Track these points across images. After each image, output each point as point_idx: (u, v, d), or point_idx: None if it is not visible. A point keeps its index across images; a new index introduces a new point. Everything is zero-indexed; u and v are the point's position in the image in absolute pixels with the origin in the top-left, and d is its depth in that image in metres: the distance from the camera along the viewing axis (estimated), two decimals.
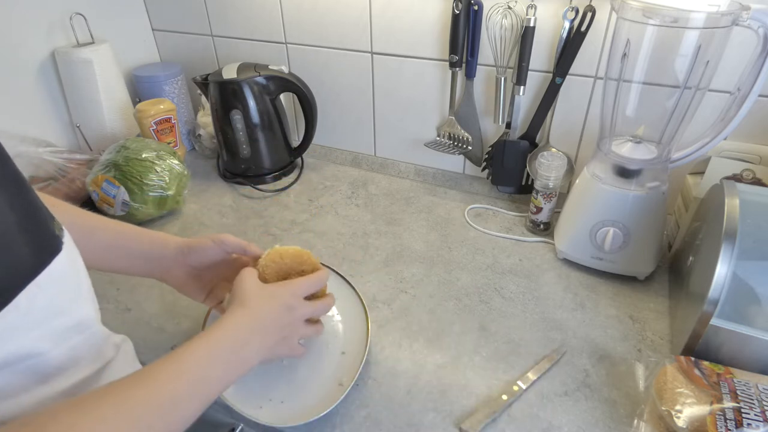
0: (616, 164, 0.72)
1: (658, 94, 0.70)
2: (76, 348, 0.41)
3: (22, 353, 0.36)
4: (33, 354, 0.37)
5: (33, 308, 0.35)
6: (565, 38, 0.81)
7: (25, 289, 0.35)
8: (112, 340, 0.49)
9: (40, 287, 0.36)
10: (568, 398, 0.60)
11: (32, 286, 0.35)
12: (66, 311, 0.39)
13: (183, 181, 0.95)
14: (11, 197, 0.35)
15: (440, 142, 1.01)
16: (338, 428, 0.57)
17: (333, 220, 0.94)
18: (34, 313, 0.36)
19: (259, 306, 0.51)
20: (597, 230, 0.74)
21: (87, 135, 1.07)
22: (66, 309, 0.39)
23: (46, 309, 0.37)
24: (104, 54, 1.04)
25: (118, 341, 0.50)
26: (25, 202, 0.37)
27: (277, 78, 1.00)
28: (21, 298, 0.34)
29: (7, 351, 0.34)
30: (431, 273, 0.80)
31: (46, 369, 0.38)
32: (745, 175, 0.72)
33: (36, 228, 0.37)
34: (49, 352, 0.38)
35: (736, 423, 0.47)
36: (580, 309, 0.73)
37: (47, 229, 0.39)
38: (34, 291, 0.35)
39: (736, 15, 0.59)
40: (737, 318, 0.55)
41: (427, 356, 0.66)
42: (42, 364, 0.38)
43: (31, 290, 0.35)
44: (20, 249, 0.35)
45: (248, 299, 0.50)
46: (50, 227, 0.39)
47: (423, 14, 0.90)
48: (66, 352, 0.40)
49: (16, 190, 0.36)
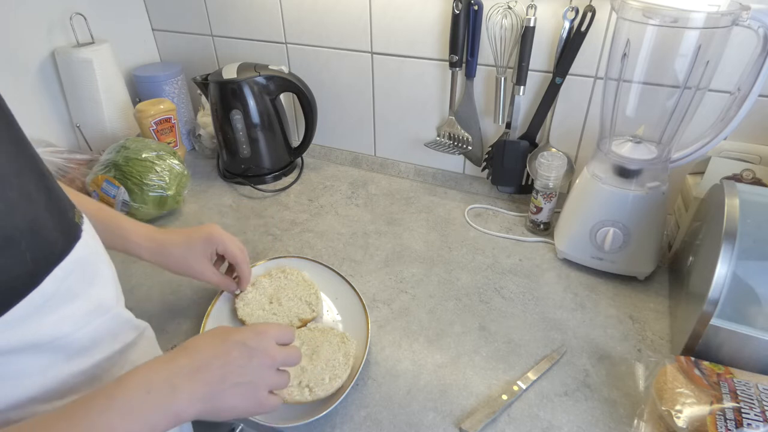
0: (616, 164, 0.72)
1: (658, 94, 0.70)
2: (96, 330, 0.41)
3: (46, 334, 0.37)
4: (57, 335, 0.37)
5: (57, 291, 0.37)
6: (565, 38, 0.81)
7: (51, 273, 0.36)
8: (133, 324, 0.49)
9: (65, 271, 0.37)
10: (568, 398, 0.60)
11: (58, 269, 0.36)
12: (85, 295, 0.40)
13: (183, 181, 0.95)
14: (37, 183, 0.37)
15: (440, 142, 1.01)
16: (338, 428, 0.57)
17: (333, 220, 0.94)
18: (58, 297, 0.37)
19: (197, 343, 0.43)
20: (597, 230, 0.74)
21: (87, 135, 1.07)
22: (85, 293, 0.40)
23: (69, 292, 0.38)
24: (104, 54, 1.04)
25: (140, 326, 0.51)
26: (49, 188, 0.38)
27: (277, 78, 1.00)
28: (48, 282, 0.35)
29: (32, 332, 0.35)
30: (431, 273, 0.80)
31: (69, 349, 0.39)
32: (745, 175, 0.72)
33: (60, 214, 0.39)
34: (71, 334, 0.39)
35: (736, 423, 0.47)
36: (580, 309, 0.73)
37: (69, 215, 0.40)
38: (59, 275, 0.36)
39: (736, 15, 0.59)
40: (737, 318, 0.55)
41: (427, 356, 0.66)
42: (65, 344, 0.39)
43: (56, 274, 0.36)
44: (49, 233, 0.37)
45: (191, 341, 0.43)
46: (71, 214, 0.40)
47: (423, 14, 0.90)
48: (87, 333, 0.40)
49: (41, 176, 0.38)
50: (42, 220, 0.36)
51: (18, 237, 0.33)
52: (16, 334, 0.34)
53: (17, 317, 0.33)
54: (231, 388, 0.41)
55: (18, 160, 0.35)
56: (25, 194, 0.35)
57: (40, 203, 0.36)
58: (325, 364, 0.59)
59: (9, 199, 0.33)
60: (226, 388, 0.41)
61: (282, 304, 0.69)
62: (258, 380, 0.43)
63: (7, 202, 0.33)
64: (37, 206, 0.36)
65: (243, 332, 0.45)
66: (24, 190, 0.35)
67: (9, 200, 0.33)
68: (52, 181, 0.39)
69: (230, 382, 0.41)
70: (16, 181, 0.34)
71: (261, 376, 0.44)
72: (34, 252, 0.34)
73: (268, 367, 0.45)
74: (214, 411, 0.41)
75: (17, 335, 0.34)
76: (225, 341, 0.43)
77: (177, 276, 0.67)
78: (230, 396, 0.41)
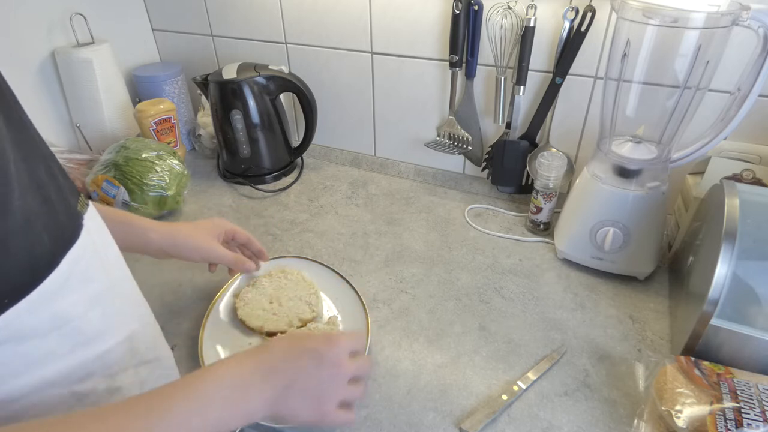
0: (616, 164, 0.72)
1: (658, 94, 0.70)
2: (105, 314, 0.42)
3: (65, 316, 0.37)
4: (74, 317, 0.38)
5: (72, 273, 0.37)
6: (565, 38, 0.81)
7: (67, 255, 0.36)
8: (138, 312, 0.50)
9: (79, 253, 0.38)
10: (568, 398, 0.60)
11: (72, 251, 0.37)
12: (96, 279, 0.41)
13: (183, 181, 0.95)
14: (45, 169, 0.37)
15: (440, 142, 1.01)
16: (338, 428, 0.57)
17: (333, 220, 0.94)
18: (73, 278, 0.37)
19: (271, 346, 0.43)
20: (597, 230, 0.74)
21: (87, 135, 1.07)
22: (95, 277, 0.41)
23: (83, 274, 0.38)
24: (104, 54, 1.04)
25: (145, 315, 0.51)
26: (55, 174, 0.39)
27: (277, 78, 1.00)
28: (64, 263, 0.36)
29: (51, 313, 0.36)
30: (431, 273, 0.80)
31: (87, 332, 0.40)
32: (745, 175, 0.72)
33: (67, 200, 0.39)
34: (85, 315, 0.39)
35: (736, 423, 0.47)
36: (580, 309, 0.73)
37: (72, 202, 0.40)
38: (73, 256, 0.37)
39: (736, 15, 0.59)
40: (737, 318, 0.55)
41: (427, 356, 0.66)
42: (83, 327, 0.39)
43: (71, 256, 0.37)
44: (60, 217, 0.37)
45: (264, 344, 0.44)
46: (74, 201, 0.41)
47: (423, 14, 0.90)
48: (98, 317, 0.41)
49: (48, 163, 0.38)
50: (53, 204, 0.37)
51: (34, 218, 0.34)
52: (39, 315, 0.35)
53: (40, 298, 0.34)
54: (297, 394, 0.41)
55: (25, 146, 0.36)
56: (36, 179, 0.36)
57: (50, 188, 0.37)
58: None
59: (23, 183, 0.34)
60: (292, 393, 0.41)
61: (282, 304, 0.69)
62: (326, 390, 0.43)
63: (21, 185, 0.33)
64: (47, 191, 0.36)
65: (316, 339, 0.45)
66: (34, 176, 0.35)
67: (23, 183, 0.34)
68: (58, 169, 0.40)
69: (297, 388, 0.41)
70: (24, 166, 0.34)
71: (329, 386, 0.43)
72: (50, 233, 0.35)
73: (338, 378, 0.44)
74: (279, 415, 0.41)
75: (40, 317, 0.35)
76: (297, 346, 0.43)
77: (177, 276, 0.67)
78: (294, 401, 0.41)
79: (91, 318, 0.40)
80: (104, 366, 0.42)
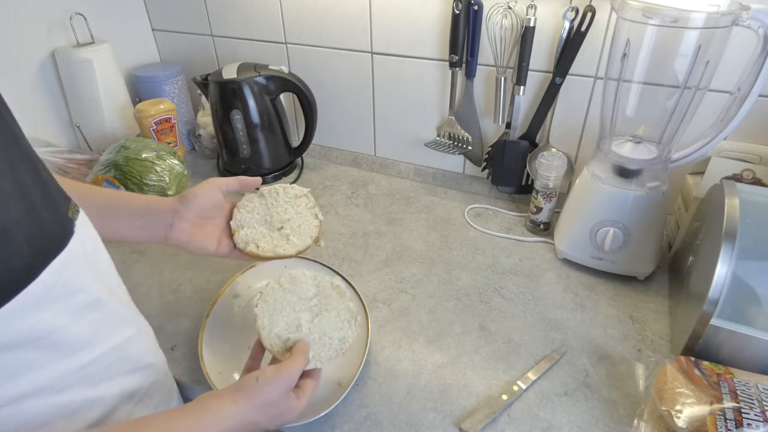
0: (616, 164, 0.72)
1: (658, 94, 0.70)
2: (93, 324, 0.42)
3: (45, 328, 0.37)
4: (55, 329, 0.38)
5: (55, 284, 0.37)
6: (565, 38, 0.81)
7: (49, 266, 0.36)
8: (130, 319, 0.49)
9: (62, 264, 0.37)
10: (568, 398, 0.60)
11: (56, 262, 0.36)
12: (83, 289, 0.40)
13: (183, 181, 0.95)
14: (33, 176, 0.37)
15: (440, 142, 1.01)
16: (338, 428, 0.57)
17: (333, 220, 0.94)
18: (56, 290, 0.37)
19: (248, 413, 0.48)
20: (597, 230, 0.74)
21: (87, 135, 1.07)
22: (83, 287, 0.40)
23: (66, 286, 0.38)
24: (104, 54, 1.04)
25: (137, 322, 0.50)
26: (44, 182, 0.38)
27: (277, 78, 1.00)
28: (45, 274, 0.35)
29: (29, 326, 0.35)
30: (431, 273, 0.80)
31: (69, 344, 0.39)
32: (745, 175, 0.72)
33: (55, 207, 0.39)
34: (69, 327, 0.39)
35: (736, 423, 0.47)
36: (580, 309, 0.73)
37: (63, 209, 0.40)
38: (56, 267, 0.36)
39: (736, 15, 0.59)
40: (737, 318, 0.55)
41: (427, 356, 0.66)
42: (64, 338, 0.39)
43: (54, 266, 0.36)
44: (46, 226, 0.37)
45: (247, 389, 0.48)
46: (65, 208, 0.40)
47: (423, 14, 0.90)
48: (84, 327, 0.41)
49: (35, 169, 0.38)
50: (38, 212, 0.36)
51: (14, 229, 0.33)
52: (16, 327, 0.34)
53: (17, 310, 0.33)
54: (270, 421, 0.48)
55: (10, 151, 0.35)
56: (20, 186, 0.35)
57: (36, 195, 0.36)
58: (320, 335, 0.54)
59: (4, 191, 0.33)
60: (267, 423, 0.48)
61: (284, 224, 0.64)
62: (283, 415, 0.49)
63: (2, 194, 0.33)
64: (32, 198, 0.36)
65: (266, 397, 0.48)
66: (18, 182, 0.35)
67: (4, 191, 0.33)
68: (47, 175, 0.39)
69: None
70: (9, 172, 0.34)
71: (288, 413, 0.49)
72: (31, 244, 0.34)
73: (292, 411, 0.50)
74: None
75: (17, 328, 0.34)
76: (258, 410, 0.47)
77: (177, 276, 0.67)
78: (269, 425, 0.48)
79: (76, 329, 0.40)
80: (87, 376, 0.41)
